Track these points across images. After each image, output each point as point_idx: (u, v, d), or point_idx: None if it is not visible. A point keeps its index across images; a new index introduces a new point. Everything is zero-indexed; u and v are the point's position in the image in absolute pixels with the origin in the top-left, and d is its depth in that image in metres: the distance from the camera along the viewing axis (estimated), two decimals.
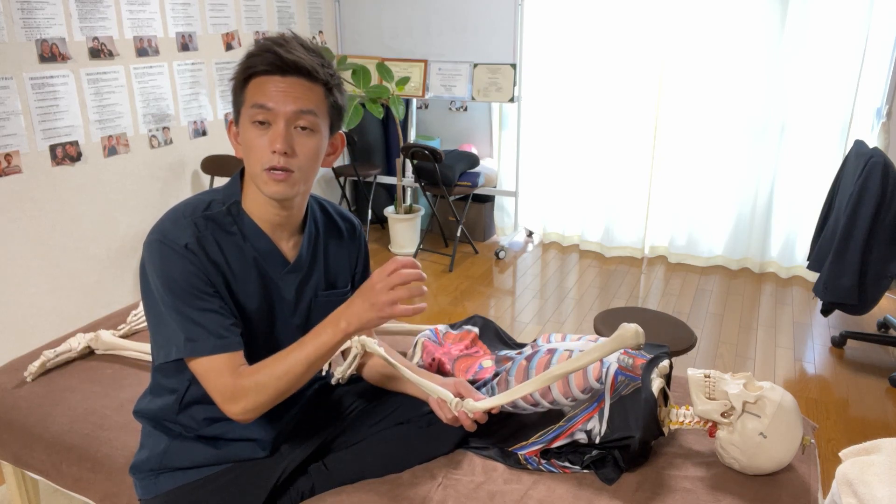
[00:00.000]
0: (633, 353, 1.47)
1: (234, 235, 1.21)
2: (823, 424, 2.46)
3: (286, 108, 1.13)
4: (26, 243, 2.69)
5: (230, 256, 1.20)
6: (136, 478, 1.32)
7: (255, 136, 1.14)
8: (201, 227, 1.18)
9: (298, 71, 1.14)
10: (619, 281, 3.83)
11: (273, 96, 1.13)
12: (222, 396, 1.14)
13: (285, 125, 1.13)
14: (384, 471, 1.38)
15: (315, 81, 1.16)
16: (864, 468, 1.05)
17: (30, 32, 2.60)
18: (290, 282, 1.28)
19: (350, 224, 1.42)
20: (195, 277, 1.14)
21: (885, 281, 2.58)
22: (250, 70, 1.15)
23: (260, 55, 1.14)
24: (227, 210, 1.22)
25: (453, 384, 1.37)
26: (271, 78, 1.13)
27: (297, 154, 1.15)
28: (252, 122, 1.14)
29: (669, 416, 1.39)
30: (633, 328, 1.23)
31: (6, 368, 1.81)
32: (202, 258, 1.15)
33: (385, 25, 4.32)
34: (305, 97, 1.14)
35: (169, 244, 1.14)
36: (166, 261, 1.13)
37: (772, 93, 3.66)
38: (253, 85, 1.15)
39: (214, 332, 1.14)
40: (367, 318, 1.11)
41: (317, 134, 1.17)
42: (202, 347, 1.14)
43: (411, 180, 4.49)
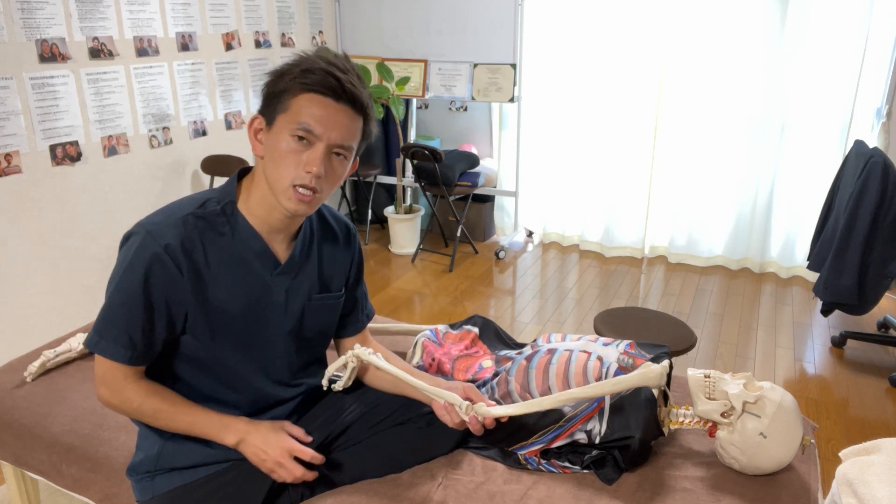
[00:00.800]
0: (633, 353, 1.47)
1: (223, 236, 1.21)
2: (823, 424, 2.46)
3: (332, 134, 1.15)
4: (26, 243, 2.69)
5: (212, 257, 1.20)
6: (133, 479, 1.32)
7: (291, 149, 1.15)
8: (189, 226, 1.18)
9: (352, 102, 1.16)
10: (619, 281, 3.83)
11: (322, 121, 1.14)
12: (100, 386, 1.21)
13: (325, 150, 1.15)
14: (384, 471, 1.38)
15: (360, 113, 1.19)
16: (864, 468, 1.05)
17: (30, 32, 2.60)
18: (281, 283, 1.28)
19: (345, 228, 1.42)
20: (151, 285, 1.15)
21: (886, 281, 2.58)
22: (307, 87, 1.14)
23: (321, 76, 1.14)
24: (222, 209, 1.22)
25: (461, 388, 1.36)
26: (324, 100, 1.14)
27: (327, 177, 1.17)
28: (292, 134, 1.14)
29: (669, 416, 1.39)
30: (658, 369, 1.24)
31: (6, 368, 1.81)
32: (179, 262, 1.16)
33: (385, 25, 4.32)
34: (350, 129, 1.17)
35: (149, 238, 1.14)
36: (141, 250, 1.14)
37: (772, 93, 3.66)
38: (304, 99, 1.14)
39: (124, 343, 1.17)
40: (253, 455, 1.23)
41: (347, 161, 1.21)
42: (105, 349, 1.18)
43: (411, 180, 4.49)
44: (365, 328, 1.52)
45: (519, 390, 1.48)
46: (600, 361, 1.45)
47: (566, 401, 1.29)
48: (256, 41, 3.81)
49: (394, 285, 3.79)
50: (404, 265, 4.11)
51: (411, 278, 3.90)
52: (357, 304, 1.48)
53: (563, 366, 1.47)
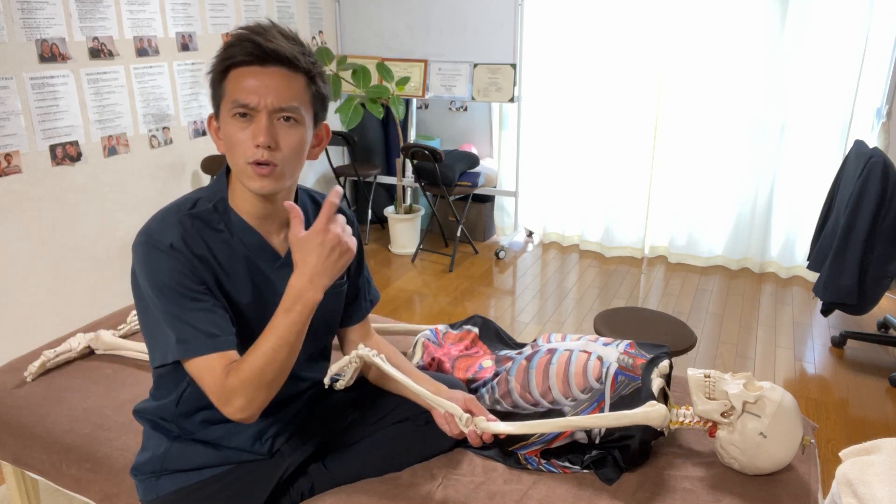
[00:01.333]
0: (633, 353, 1.47)
1: (221, 232, 1.19)
2: (823, 424, 2.46)
3: (267, 100, 1.10)
4: (26, 243, 2.69)
5: (218, 253, 1.18)
6: (137, 479, 1.32)
7: (236, 129, 1.11)
8: (187, 225, 1.15)
9: (279, 60, 1.11)
10: (619, 281, 3.83)
11: (254, 88, 1.09)
12: (216, 397, 1.12)
13: (267, 118, 1.10)
14: (384, 469, 1.38)
15: (296, 71, 1.13)
16: (864, 468, 1.05)
17: (30, 32, 2.60)
18: (283, 276, 1.23)
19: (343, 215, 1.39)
20: (183, 276, 1.12)
21: (885, 281, 2.58)
22: (228, 61, 1.11)
23: (238, 45, 1.10)
24: (214, 207, 1.20)
25: (462, 399, 1.35)
26: (251, 69, 1.10)
27: (280, 147, 1.12)
28: (233, 115, 1.11)
29: (669, 416, 1.39)
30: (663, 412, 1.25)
31: (6, 368, 1.81)
32: (188, 256, 1.13)
33: (385, 25, 4.32)
34: (288, 89, 1.11)
35: (154, 244, 1.12)
36: (153, 261, 1.12)
37: (772, 93, 3.66)
38: (232, 77, 1.11)
39: (205, 332, 1.12)
40: (329, 267, 1.12)
41: (300, 125, 1.14)
42: (194, 348, 1.11)
43: (411, 180, 4.49)
44: (367, 316, 1.49)
45: (519, 390, 1.48)
46: (600, 361, 1.45)
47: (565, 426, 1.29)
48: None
49: (394, 285, 3.79)
50: (404, 265, 4.11)
51: (411, 278, 3.90)
52: (360, 293, 1.46)
53: (563, 366, 1.47)
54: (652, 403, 1.27)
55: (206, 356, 1.12)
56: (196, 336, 1.12)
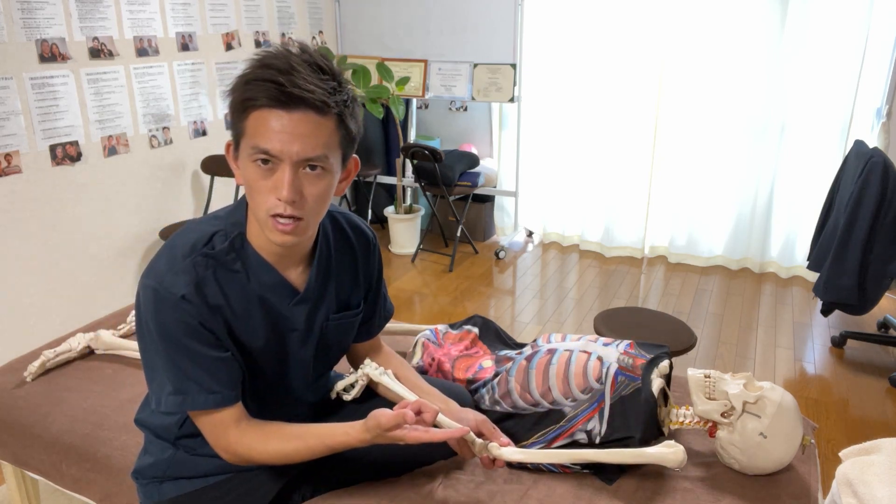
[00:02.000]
0: (633, 353, 1.47)
1: (237, 273, 1.12)
2: (823, 424, 2.46)
3: (292, 149, 0.98)
4: (26, 243, 2.69)
5: (232, 297, 1.12)
6: (139, 483, 1.31)
7: (258, 176, 1.01)
8: (200, 268, 1.08)
9: (305, 104, 0.98)
10: (619, 281, 3.83)
11: (277, 138, 0.98)
12: (216, 446, 1.14)
13: (292, 169, 1.00)
14: (384, 474, 1.37)
15: (325, 115, 1.01)
16: (864, 468, 1.05)
17: (30, 32, 2.60)
18: (300, 312, 1.20)
19: (364, 239, 1.32)
20: (190, 329, 1.06)
21: (886, 281, 2.58)
22: (249, 103, 0.99)
23: (261, 85, 0.98)
24: (230, 245, 1.12)
25: (474, 422, 1.30)
26: (274, 112, 0.98)
27: (305, 198, 1.03)
28: (253, 160, 1.01)
29: (669, 416, 1.39)
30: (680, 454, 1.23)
31: (6, 368, 1.81)
32: (200, 307, 1.07)
33: (385, 25, 4.32)
34: (315, 136, 1.00)
35: (163, 293, 1.05)
36: (161, 309, 1.05)
37: (772, 93, 3.66)
38: (253, 119, 1.00)
39: (206, 388, 1.09)
40: (386, 440, 1.12)
41: (327, 174, 1.04)
42: (192, 402, 1.09)
43: (411, 180, 4.49)
44: (378, 334, 1.46)
45: (519, 390, 1.48)
46: (600, 361, 1.45)
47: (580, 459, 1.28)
48: (256, 41, 3.81)
49: (394, 285, 3.79)
50: (404, 265, 4.11)
51: (411, 278, 3.90)
52: (376, 311, 1.41)
53: (563, 366, 1.47)
54: (669, 444, 1.24)
55: (206, 412, 1.12)
56: (196, 391, 1.09)
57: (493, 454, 1.26)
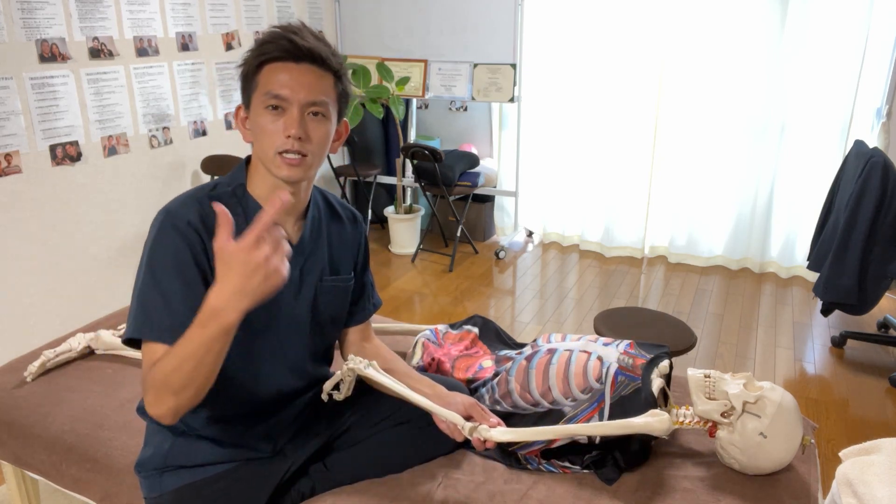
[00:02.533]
0: (633, 353, 1.47)
1: (237, 216, 1.22)
2: (823, 424, 2.46)
3: (300, 95, 1.15)
4: (26, 243, 2.69)
5: None
6: (141, 475, 1.32)
7: (268, 120, 1.16)
8: (206, 205, 1.19)
9: (312, 59, 1.17)
10: (619, 281, 3.83)
11: (287, 83, 1.15)
12: (142, 387, 1.09)
13: (299, 111, 1.16)
14: (384, 471, 1.38)
15: (327, 70, 1.19)
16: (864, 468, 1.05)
17: (30, 32, 2.60)
18: (294, 263, 1.28)
19: (351, 213, 1.44)
20: (181, 257, 1.13)
21: (885, 281, 2.58)
22: (264, 56, 1.16)
23: (274, 42, 1.16)
24: (233, 192, 1.24)
25: (462, 405, 1.35)
26: (285, 65, 1.16)
27: (310, 139, 1.18)
28: (265, 107, 1.16)
29: (672, 425, 1.39)
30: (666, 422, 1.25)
31: (6, 368, 1.81)
32: (203, 235, 1.16)
33: (385, 25, 4.32)
34: (318, 85, 1.17)
35: (171, 219, 1.15)
36: (163, 234, 1.14)
37: (772, 93, 3.66)
38: (266, 71, 1.17)
39: (164, 320, 1.10)
40: (252, 290, 0.96)
41: (328, 120, 1.21)
42: (146, 331, 1.10)
43: (411, 180, 4.49)
44: (368, 319, 1.52)
45: (519, 390, 1.48)
46: (600, 361, 1.45)
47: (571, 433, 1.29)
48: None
49: (394, 285, 3.79)
50: (404, 265, 4.11)
51: (411, 278, 3.90)
52: (365, 292, 1.49)
53: (563, 366, 1.47)
54: (654, 412, 1.27)
55: (151, 343, 1.10)
56: (153, 320, 1.11)
57: (482, 436, 1.28)
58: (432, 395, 1.37)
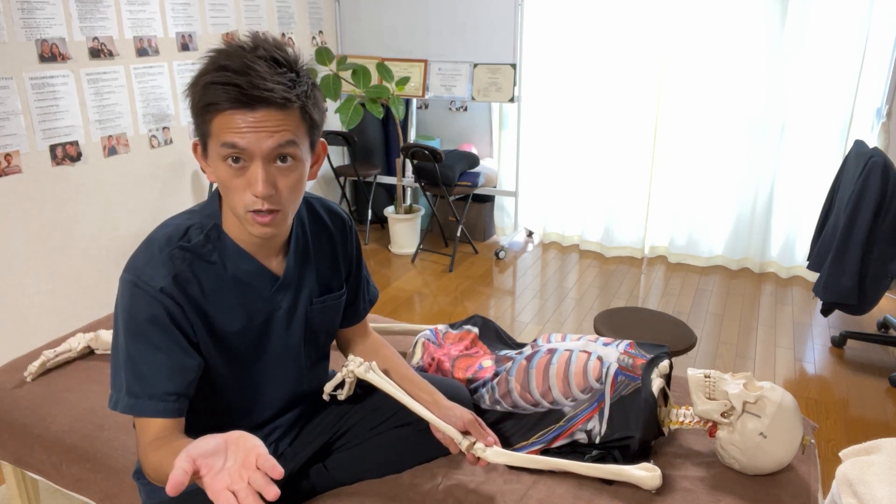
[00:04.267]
0: (633, 353, 1.47)
1: (214, 264, 1.14)
2: (823, 424, 2.46)
3: (262, 144, 1.00)
4: (26, 243, 2.69)
5: (208, 287, 1.13)
6: (140, 482, 1.31)
7: (229, 175, 1.03)
8: (177, 261, 1.10)
9: (269, 103, 0.99)
10: (619, 281, 3.83)
11: (244, 136, 0.99)
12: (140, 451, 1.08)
13: (263, 164, 1.01)
14: (384, 472, 1.38)
15: (288, 109, 1.02)
16: (864, 468, 1.05)
17: (30, 32, 2.60)
18: (283, 296, 1.23)
19: (339, 220, 1.34)
20: (161, 324, 1.07)
21: (885, 281, 2.58)
22: (211, 107, 1.00)
23: (220, 88, 0.98)
24: (206, 237, 1.14)
25: (461, 421, 1.31)
26: (237, 113, 0.99)
27: (280, 191, 1.04)
28: (223, 158, 1.02)
29: (669, 416, 1.39)
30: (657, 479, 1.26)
31: (6, 368, 1.81)
32: (179, 299, 1.08)
33: (385, 25, 4.32)
34: (282, 128, 1.01)
35: (142, 286, 1.06)
36: (135, 302, 1.06)
37: (772, 93, 3.66)
38: (218, 121, 1.01)
39: (158, 394, 1.06)
40: None
41: (298, 163, 1.06)
42: (141, 408, 1.06)
43: (411, 180, 4.49)
44: (365, 317, 1.48)
45: (519, 390, 1.48)
46: (600, 361, 1.45)
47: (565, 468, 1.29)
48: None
49: (394, 285, 3.79)
50: (404, 265, 4.11)
51: (411, 278, 3.90)
52: (359, 294, 1.44)
53: (563, 366, 1.47)
54: (647, 467, 1.27)
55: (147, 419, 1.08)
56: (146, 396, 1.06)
57: (477, 454, 1.27)
58: (431, 402, 1.34)
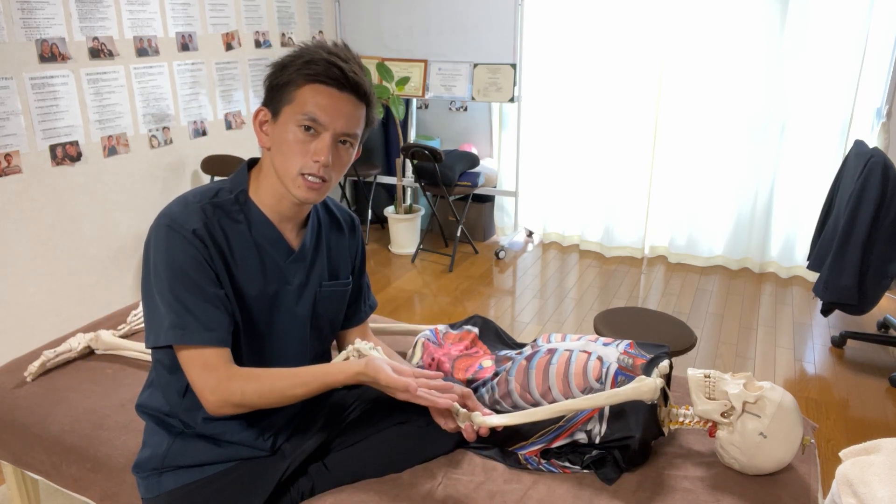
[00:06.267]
0: (633, 353, 1.47)
1: (239, 224, 1.23)
2: (823, 424, 2.46)
3: (337, 124, 1.17)
4: (26, 243, 2.69)
5: (234, 244, 1.22)
6: (139, 476, 1.32)
7: (300, 139, 1.17)
8: (209, 213, 1.20)
9: (355, 90, 1.18)
10: (619, 281, 3.83)
11: (327, 110, 1.16)
12: (204, 388, 1.15)
13: (332, 139, 1.18)
14: (384, 471, 1.38)
15: (363, 101, 1.21)
16: (864, 468, 1.05)
17: (30, 32, 2.60)
18: (296, 270, 1.30)
19: (349, 218, 1.46)
20: (198, 264, 1.16)
21: (885, 281, 2.58)
22: (311, 77, 1.16)
23: (325, 66, 1.16)
24: (235, 198, 1.24)
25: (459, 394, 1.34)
26: (328, 90, 1.16)
27: (334, 164, 1.20)
28: (299, 125, 1.17)
29: (669, 416, 1.39)
30: (651, 383, 1.25)
31: (6, 368, 1.81)
32: (209, 244, 1.17)
33: (385, 25, 4.32)
34: (355, 117, 1.20)
35: (177, 228, 1.15)
36: (172, 244, 1.15)
37: (772, 93, 3.66)
38: (307, 90, 1.16)
39: (205, 325, 1.15)
40: (387, 385, 1.17)
41: (352, 148, 1.24)
42: (190, 337, 1.15)
43: (411, 180, 4.49)
44: (366, 320, 1.54)
45: (519, 390, 1.48)
46: (600, 361, 1.45)
47: (561, 411, 1.29)
48: (256, 41, 3.81)
49: (394, 285, 3.79)
50: (404, 265, 4.11)
51: (411, 278, 3.90)
52: (361, 294, 1.51)
53: (563, 366, 1.47)
54: (640, 378, 1.27)
55: (200, 348, 1.15)
56: (195, 326, 1.15)
57: (476, 422, 1.28)
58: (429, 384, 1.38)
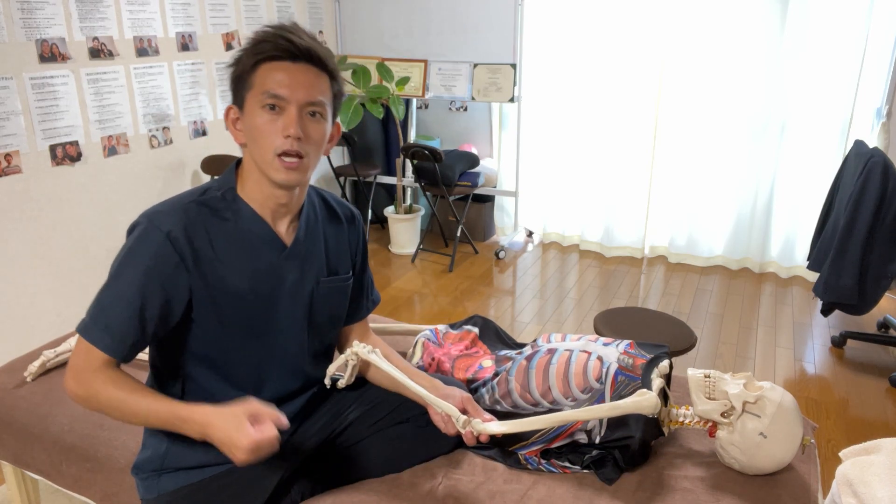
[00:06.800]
0: (633, 353, 1.47)
1: (226, 221, 1.22)
2: (823, 424, 2.46)
3: (298, 94, 1.15)
4: (26, 243, 2.69)
5: (219, 243, 1.20)
6: (139, 477, 1.32)
7: (266, 120, 1.15)
8: (192, 213, 1.18)
9: (310, 58, 1.16)
10: (619, 281, 3.83)
11: (285, 82, 1.14)
12: (72, 369, 1.14)
13: (297, 111, 1.15)
14: (384, 470, 1.38)
15: (323, 70, 1.18)
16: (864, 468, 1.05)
17: (30, 32, 2.60)
18: (290, 267, 1.28)
19: (349, 211, 1.43)
20: (152, 271, 1.13)
21: (885, 281, 2.58)
22: (260, 55, 1.15)
23: (271, 41, 1.15)
24: (223, 196, 1.23)
25: (459, 399, 1.34)
26: (282, 64, 1.15)
27: (309, 139, 1.17)
28: (262, 106, 1.15)
29: (669, 416, 1.39)
30: (653, 399, 1.25)
31: (6, 368, 1.81)
32: (182, 247, 1.15)
33: (385, 25, 4.32)
34: (316, 85, 1.17)
35: (151, 228, 1.15)
36: (139, 240, 1.14)
37: (772, 93, 3.66)
38: (262, 70, 1.15)
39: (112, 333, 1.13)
40: (225, 438, 1.07)
41: (324, 120, 1.20)
42: (90, 335, 1.14)
43: (411, 180, 4.49)
44: (367, 317, 1.52)
45: (519, 390, 1.48)
46: (600, 361, 1.45)
47: (561, 421, 1.29)
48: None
49: (394, 285, 3.79)
50: (404, 265, 4.11)
51: (411, 278, 3.90)
52: (363, 290, 1.49)
53: (563, 366, 1.47)
54: (642, 392, 1.27)
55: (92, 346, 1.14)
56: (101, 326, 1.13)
57: (476, 429, 1.28)
58: (430, 386, 1.37)
